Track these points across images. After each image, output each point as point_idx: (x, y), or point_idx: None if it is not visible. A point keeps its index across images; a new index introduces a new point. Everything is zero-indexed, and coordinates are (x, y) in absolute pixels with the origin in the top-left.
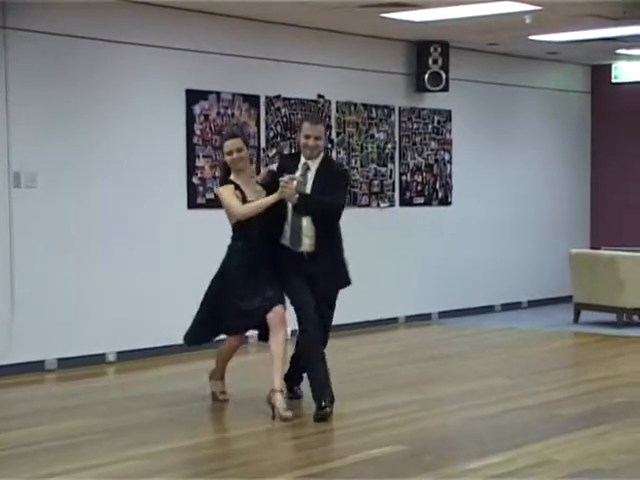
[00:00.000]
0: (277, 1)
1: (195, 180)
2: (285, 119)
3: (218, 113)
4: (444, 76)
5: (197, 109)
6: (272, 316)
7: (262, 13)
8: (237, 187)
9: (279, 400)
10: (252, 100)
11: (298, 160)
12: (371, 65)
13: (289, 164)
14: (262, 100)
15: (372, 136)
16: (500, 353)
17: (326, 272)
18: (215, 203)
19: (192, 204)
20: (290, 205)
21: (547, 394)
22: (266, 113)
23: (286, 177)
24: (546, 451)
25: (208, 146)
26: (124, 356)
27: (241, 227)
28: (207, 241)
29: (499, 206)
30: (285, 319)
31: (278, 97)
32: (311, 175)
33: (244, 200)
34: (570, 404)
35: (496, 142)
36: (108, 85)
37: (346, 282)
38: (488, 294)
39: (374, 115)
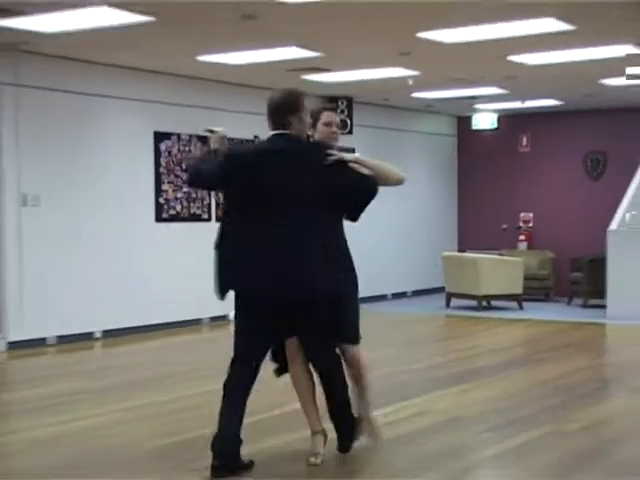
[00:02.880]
0: (224, 64)
1: (161, 200)
2: None
3: (178, 149)
4: (349, 122)
5: (163, 146)
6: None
7: (212, 75)
8: None
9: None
10: (204, 139)
11: None
12: None
13: None
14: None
15: None
16: (390, 331)
17: None
18: (177, 216)
19: (158, 218)
20: None
21: (425, 361)
22: None
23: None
24: (425, 403)
25: (171, 174)
26: (109, 334)
27: None
28: (169, 245)
29: (390, 219)
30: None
31: (224, 138)
32: None
33: None
34: (443, 368)
35: None
36: (96, 127)
37: None
38: (382, 285)
39: None
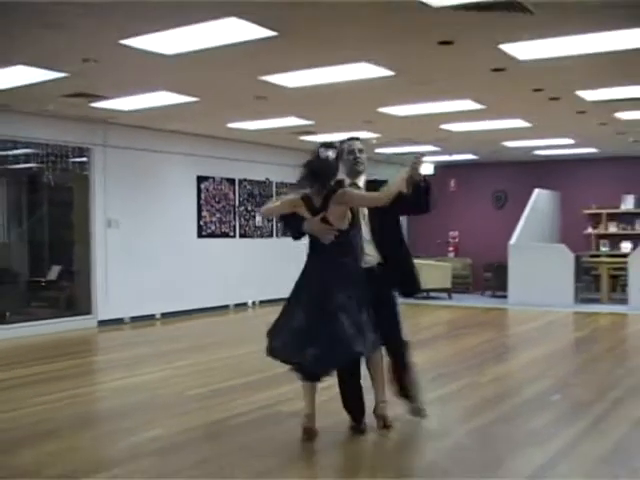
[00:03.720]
0: (245, 129)
1: (201, 222)
2: (248, 191)
3: (214, 188)
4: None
5: (203, 186)
6: None
7: (237, 136)
8: None
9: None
10: (231, 181)
11: None
12: (295, 162)
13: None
14: (237, 181)
15: None
16: None
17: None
18: (212, 234)
19: (199, 235)
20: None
21: None
22: (239, 187)
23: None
24: None
25: (208, 205)
26: (165, 315)
27: None
28: (207, 254)
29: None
30: None
31: (245, 179)
32: None
33: None
34: None
35: None
36: (158, 173)
37: None
38: None
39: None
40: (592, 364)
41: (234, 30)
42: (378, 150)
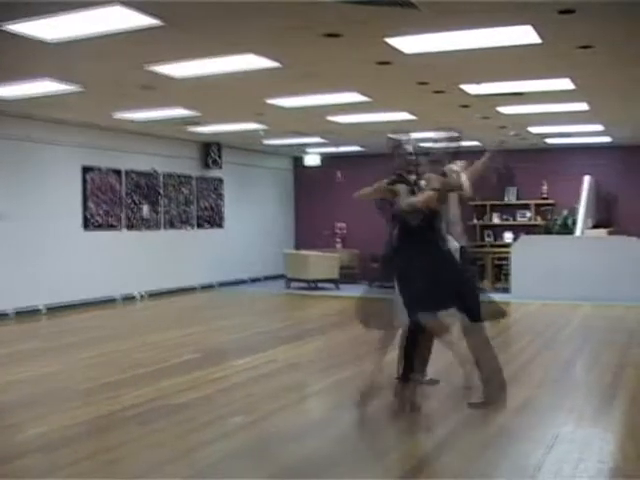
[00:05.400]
0: (132, 119)
1: (87, 214)
2: (134, 182)
3: (100, 179)
4: (219, 161)
5: (88, 177)
6: None
7: (123, 126)
8: None
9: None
10: (117, 172)
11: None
12: (182, 154)
13: None
14: (123, 172)
15: (182, 191)
16: (247, 304)
17: None
18: (99, 226)
19: (85, 227)
20: None
21: (272, 325)
22: (125, 179)
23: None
24: (273, 354)
25: (94, 196)
26: (51, 308)
27: None
28: (93, 246)
29: (249, 228)
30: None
31: (132, 170)
32: None
33: None
34: (284, 329)
35: (243, 194)
36: (43, 164)
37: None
38: (243, 273)
39: (183, 180)
40: None
41: (118, 18)
42: (266, 142)
